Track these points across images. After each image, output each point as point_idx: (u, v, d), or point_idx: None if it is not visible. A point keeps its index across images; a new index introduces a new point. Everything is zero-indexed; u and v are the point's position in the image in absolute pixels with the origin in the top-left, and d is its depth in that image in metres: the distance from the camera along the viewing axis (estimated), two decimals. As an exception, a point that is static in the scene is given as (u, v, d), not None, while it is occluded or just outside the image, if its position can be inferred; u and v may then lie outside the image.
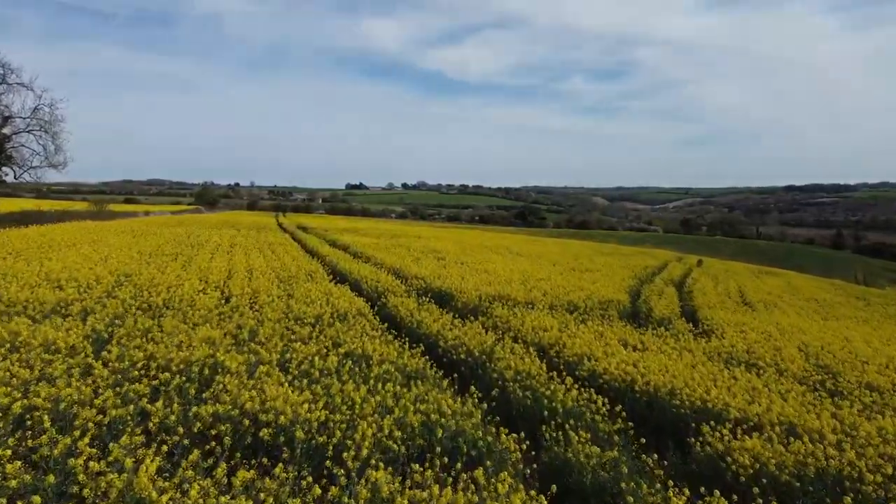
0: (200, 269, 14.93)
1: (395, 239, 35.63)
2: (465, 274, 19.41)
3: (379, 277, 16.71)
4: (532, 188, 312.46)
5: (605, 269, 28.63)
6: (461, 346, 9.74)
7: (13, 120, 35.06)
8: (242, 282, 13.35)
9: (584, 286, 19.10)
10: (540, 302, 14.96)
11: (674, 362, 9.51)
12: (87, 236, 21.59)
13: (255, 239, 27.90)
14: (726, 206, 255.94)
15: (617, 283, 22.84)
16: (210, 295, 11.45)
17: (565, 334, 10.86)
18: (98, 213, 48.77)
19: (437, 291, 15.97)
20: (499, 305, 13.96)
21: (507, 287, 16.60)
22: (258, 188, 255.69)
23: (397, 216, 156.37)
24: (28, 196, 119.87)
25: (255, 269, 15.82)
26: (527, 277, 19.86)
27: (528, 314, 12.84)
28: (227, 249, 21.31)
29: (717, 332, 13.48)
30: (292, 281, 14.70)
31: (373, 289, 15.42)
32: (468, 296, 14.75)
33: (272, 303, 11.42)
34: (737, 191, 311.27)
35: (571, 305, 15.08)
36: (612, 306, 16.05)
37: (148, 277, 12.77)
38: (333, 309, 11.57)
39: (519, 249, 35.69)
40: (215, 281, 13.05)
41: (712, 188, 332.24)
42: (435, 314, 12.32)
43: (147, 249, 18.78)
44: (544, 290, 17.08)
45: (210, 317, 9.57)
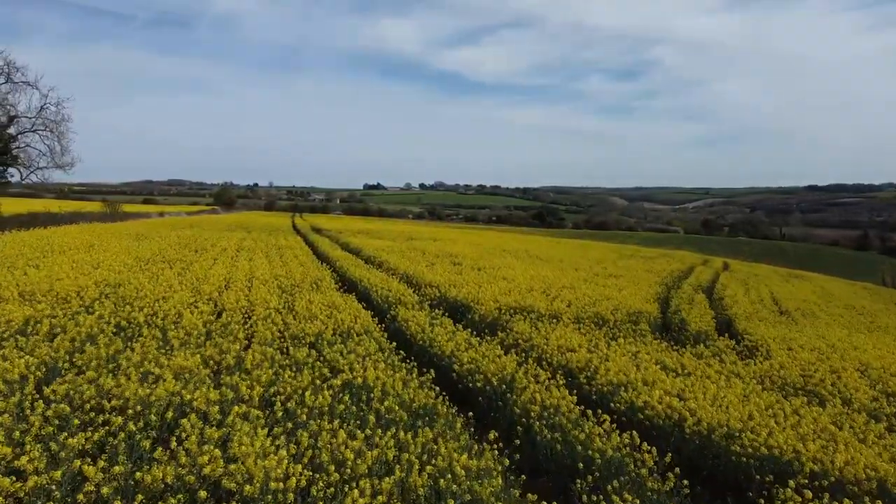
0: (197, 277, 13.85)
1: (410, 242, 34.47)
2: (483, 281, 18.20)
3: (390, 286, 15.55)
4: (550, 188, 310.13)
5: (629, 273, 27.27)
6: (478, 371, 8.53)
7: (19, 119, 34.36)
8: (239, 293, 12.24)
9: (610, 295, 17.81)
10: (565, 314, 13.72)
11: (723, 392, 8.24)
12: (87, 240, 20.63)
13: (264, 242, 26.88)
14: (747, 207, 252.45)
15: (644, 289, 21.52)
16: (201, 308, 10.34)
17: (595, 356, 9.61)
18: (110, 214, 48.15)
19: (452, 302, 14.79)
20: (520, 319, 12.74)
21: (527, 297, 15.37)
22: (276, 188, 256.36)
23: (414, 217, 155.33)
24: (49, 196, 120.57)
25: (257, 277, 14.73)
26: (549, 285, 18.60)
27: (552, 330, 11.58)
28: (232, 254, 20.28)
29: (761, 349, 12.15)
30: (295, 291, 13.57)
31: (383, 299, 14.26)
32: (486, 307, 13.54)
33: (268, 318, 10.29)
34: (757, 191, 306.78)
35: (599, 318, 13.81)
36: (643, 318, 14.75)
37: (137, 287, 11.71)
38: (336, 325, 10.42)
39: (538, 252, 34.40)
40: (209, 292, 11.95)
41: (732, 188, 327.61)
42: (449, 329, 11.12)
43: (146, 254, 17.78)
44: (568, 299, 15.83)
45: (193, 338, 8.43)
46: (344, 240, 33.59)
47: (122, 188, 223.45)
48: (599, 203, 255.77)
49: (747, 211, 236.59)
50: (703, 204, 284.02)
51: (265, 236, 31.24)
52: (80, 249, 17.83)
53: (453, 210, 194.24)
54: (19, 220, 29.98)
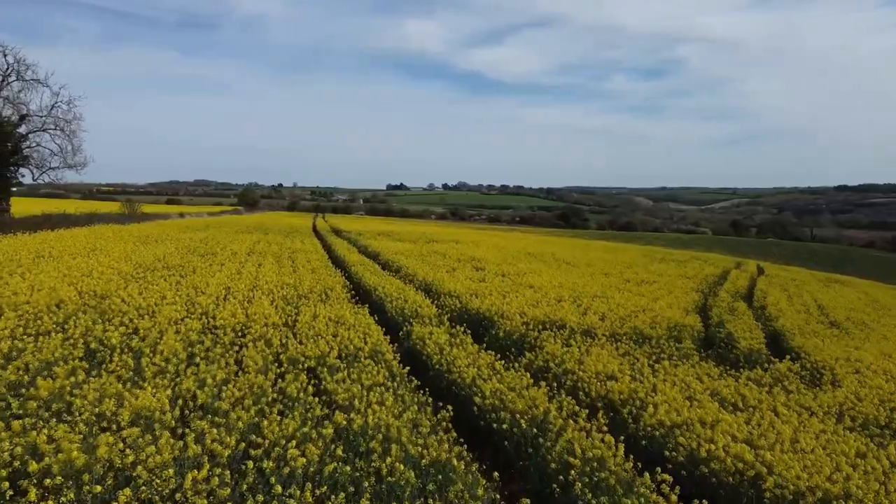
0: (195, 286, 12.68)
1: (431, 244, 33.17)
2: (507, 289, 16.86)
3: (406, 296, 14.28)
4: (574, 188, 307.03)
5: (662, 279, 25.74)
6: (503, 407, 7.20)
7: (30, 118, 33.60)
8: (238, 306, 11.03)
9: (646, 305, 16.39)
10: (599, 329, 12.34)
11: (801, 435, 6.84)
12: (91, 243, 19.63)
13: (278, 245, 25.75)
14: (775, 207, 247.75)
15: (680, 298, 20.04)
16: (189, 326, 9.14)
17: (640, 386, 8.24)
18: (128, 215, 47.50)
19: (473, 314, 13.47)
20: (549, 336, 11.39)
21: (557, 308, 14.02)
22: (300, 189, 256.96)
23: (437, 217, 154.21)
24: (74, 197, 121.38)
25: (262, 286, 13.52)
26: (578, 294, 17.21)
27: (586, 351, 10.23)
28: (241, 259, 19.13)
29: (825, 373, 10.68)
30: (301, 303, 12.35)
31: (398, 311, 12.99)
32: (511, 322, 12.20)
33: (264, 338, 9.05)
34: (785, 191, 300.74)
35: (637, 334, 12.41)
36: (685, 333, 13.34)
37: (124, 299, 10.56)
38: (343, 345, 9.17)
39: (565, 256, 32.93)
40: (205, 305, 10.75)
41: (759, 188, 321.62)
42: (470, 350, 9.81)
43: (148, 260, 16.68)
44: (601, 311, 14.45)
45: (171, 365, 7.21)
46: (363, 242, 32.40)
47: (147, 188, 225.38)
48: (624, 203, 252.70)
49: (775, 211, 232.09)
50: (730, 204, 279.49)
51: (281, 239, 30.14)
52: (80, 254, 16.80)
53: (476, 210, 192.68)
54: (31, 221, 29.18)
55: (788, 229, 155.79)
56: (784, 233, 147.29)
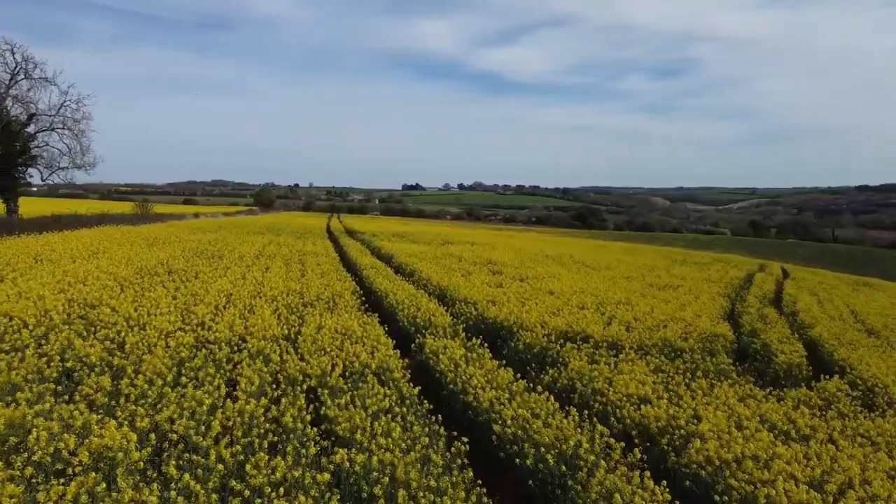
0: (194, 293, 11.93)
1: (446, 246, 32.33)
2: (526, 295, 15.99)
3: (419, 303, 13.44)
4: (590, 188, 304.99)
5: (686, 283, 24.72)
6: (526, 438, 6.35)
7: (38, 118, 33.08)
8: (237, 315, 10.25)
9: (673, 313, 15.46)
10: (626, 341, 11.44)
11: (870, 474, 5.93)
12: (93, 246, 18.97)
13: (289, 247, 25.02)
14: (795, 207, 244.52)
15: (707, 303, 19.06)
16: (180, 340, 8.35)
17: (679, 411, 7.33)
18: (141, 215, 47.07)
19: (491, 324, 12.61)
20: (573, 349, 10.51)
21: (579, 317, 13.12)
22: (316, 189, 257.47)
23: (452, 217, 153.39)
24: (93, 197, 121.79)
25: (266, 293, 12.74)
26: (601, 300, 16.31)
27: (615, 368, 9.34)
28: (248, 263, 18.39)
29: (878, 392, 9.72)
30: (307, 312, 11.55)
31: (410, 320, 12.16)
32: (532, 333, 11.32)
33: (262, 353, 8.25)
34: (805, 191, 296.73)
35: (668, 346, 11.49)
36: (719, 345, 12.39)
37: (115, 309, 9.82)
38: (348, 361, 8.37)
39: (584, 259, 31.95)
40: (202, 315, 9.97)
41: (779, 188, 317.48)
42: (487, 367, 8.95)
43: (151, 264, 15.97)
44: (627, 320, 13.54)
45: (155, 388, 6.43)
46: (376, 244, 31.62)
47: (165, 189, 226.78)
48: (641, 203, 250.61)
49: (794, 212, 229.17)
50: (749, 204, 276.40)
51: (292, 241, 29.41)
52: (80, 258, 16.13)
53: (492, 210, 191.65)
54: (39, 222, 28.62)
55: (810, 230, 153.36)
56: (805, 233, 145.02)
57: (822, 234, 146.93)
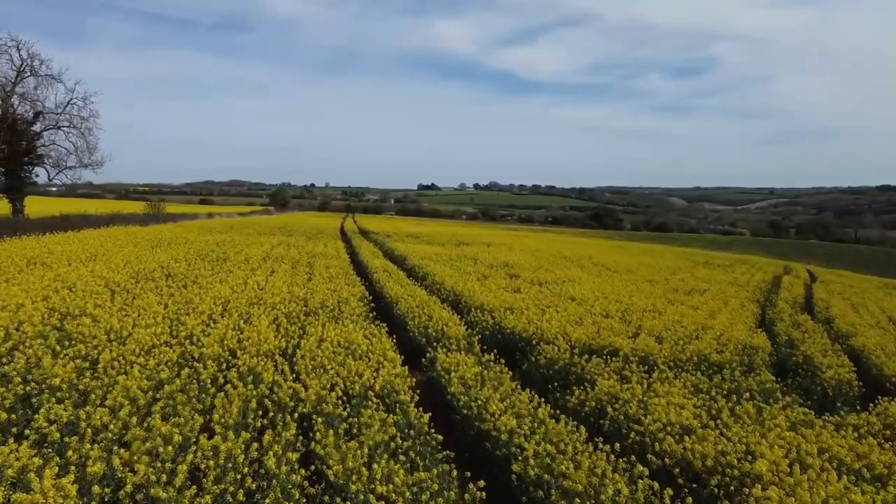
0: (189, 301, 11.06)
1: (461, 248, 31.39)
2: (546, 302, 15.01)
3: (431, 311, 12.51)
4: (606, 188, 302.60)
5: (712, 287, 23.63)
6: (552, 478, 5.40)
7: (45, 116, 32.45)
8: (231, 326, 9.37)
9: (704, 321, 14.43)
10: (657, 355, 10.43)
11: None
12: (94, 248, 18.19)
13: (299, 249, 24.17)
14: (814, 207, 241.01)
15: (737, 310, 17.99)
16: (164, 355, 7.49)
17: (729, 445, 6.32)
18: (152, 215, 46.53)
19: (508, 335, 11.64)
20: (599, 364, 9.52)
21: (604, 327, 12.13)
22: (332, 189, 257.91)
23: (468, 217, 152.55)
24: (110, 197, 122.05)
25: (267, 300, 11.83)
26: (626, 307, 15.30)
27: (649, 389, 8.34)
28: (253, 266, 17.54)
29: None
30: (308, 322, 10.64)
31: (420, 331, 11.22)
32: (554, 347, 10.33)
33: (252, 372, 7.36)
34: (824, 191, 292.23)
35: (703, 361, 10.47)
36: (757, 358, 11.36)
37: (99, 318, 8.97)
38: (350, 380, 7.47)
39: (603, 260, 30.87)
40: (192, 326, 9.09)
41: (798, 188, 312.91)
42: (506, 387, 7.99)
43: (149, 267, 15.15)
44: (657, 331, 12.52)
45: (119, 418, 5.55)
46: (389, 245, 30.73)
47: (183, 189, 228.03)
48: (657, 204, 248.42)
49: (814, 212, 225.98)
50: (767, 204, 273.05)
51: (303, 242, 28.57)
52: (76, 261, 15.34)
53: (507, 210, 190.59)
54: (45, 223, 28.01)
55: (830, 230, 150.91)
56: (826, 234, 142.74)
57: (842, 234, 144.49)
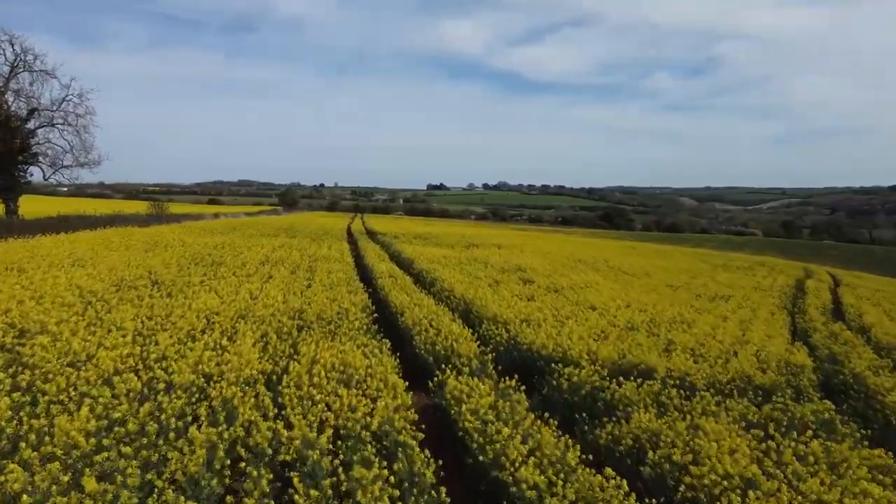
0: (168, 314, 9.90)
1: (471, 250, 30.20)
2: (565, 311, 13.81)
3: (440, 323, 11.34)
4: (616, 188, 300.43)
5: (736, 292, 22.38)
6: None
7: (40, 113, 31.36)
8: (211, 345, 8.23)
9: (738, 334, 13.26)
10: (696, 376, 9.24)
11: None
12: (81, 252, 17.06)
13: (301, 252, 23.04)
14: (827, 208, 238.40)
15: (767, 318, 16.79)
16: (125, 385, 6.36)
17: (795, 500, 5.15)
18: (155, 216, 45.53)
19: (525, 352, 10.44)
20: (632, 389, 8.32)
21: (631, 343, 10.92)
22: (341, 189, 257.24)
23: (477, 217, 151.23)
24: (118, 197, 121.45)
25: (257, 312, 10.65)
26: (652, 317, 14.11)
27: (692, 425, 7.12)
28: (249, 270, 16.38)
29: None
30: (301, 338, 9.47)
31: (427, 348, 10.05)
32: (579, 369, 9.12)
33: (229, 406, 6.22)
34: (837, 191, 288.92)
35: (747, 383, 9.27)
36: (804, 379, 10.16)
37: (59, 336, 7.85)
38: (344, 415, 6.34)
39: (619, 263, 29.62)
40: (165, 347, 7.96)
41: (809, 188, 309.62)
42: (527, 423, 6.81)
43: (137, 273, 14.04)
44: (689, 346, 11.30)
45: (44, 477, 4.42)
46: (396, 248, 29.56)
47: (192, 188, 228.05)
48: (667, 203, 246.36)
49: (827, 212, 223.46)
50: (779, 205, 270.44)
51: (306, 243, 27.43)
52: (59, 266, 14.24)
53: (517, 210, 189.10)
54: (40, 224, 26.99)
55: (844, 231, 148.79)
56: (840, 234, 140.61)
57: (856, 234, 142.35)
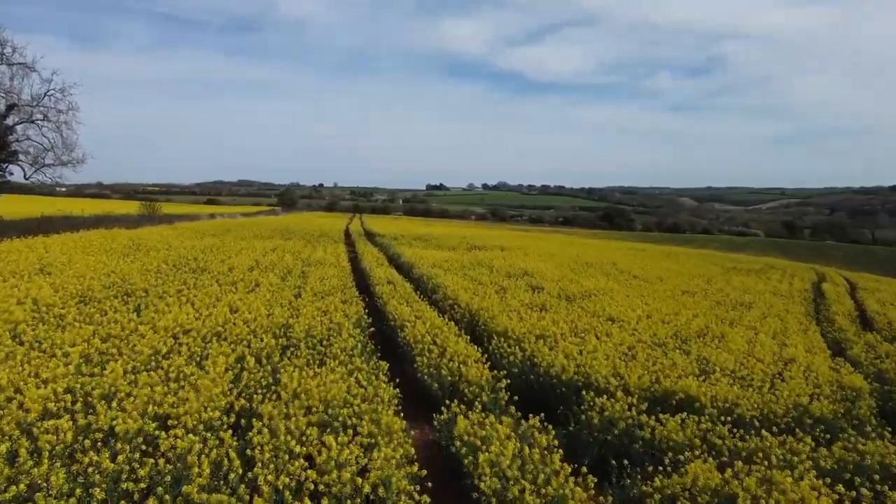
0: (126, 336, 8.47)
1: (474, 253, 28.81)
2: (582, 324, 12.40)
3: (445, 340, 9.95)
4: (615, 188, 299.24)
5: (756, 299, 20.97)
6: None
7: (20, 108, 29.79)
8: (172, 375, 6.86)
9: (777, 350, 11.89)
10: (744, 406, 7.87)
11: None
12: (50, 259, 15.57)
13: (294, 255, 21.62)
14: (827, 208, 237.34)
15: (798, 329, 15.42)
16: (59, 428, 4.99)
17: None
18: (147, 216, 44.11)
19: (543, 374, 9.05)
20: (675, 426, 6.96)
21: (665, 364, 9.53)
22: (340, 189, 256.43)
23: (477, 218, 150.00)
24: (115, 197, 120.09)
25: (232, 332, 9.17)
26: (677, 330, 12.72)
27: (761, 479, 5.76)
28: (234, 278, 14.92)
29: None
30: (284, 364, 8.06)
31: (431, 372, 8.66)
32: (611, 401, 7.72)
33: (178, 464, 4.85)
34: (836, 191, 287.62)
35: (802, 413, 7.92)
36: (862, 406, 8.83)
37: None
38: (321, 484, 4.97)
39: (628, 267, 28.20)
40: (115, 378, 6.58)
41: (809, 188, 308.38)
42: (558, 478, 5.45)
43: (105, 283, 12.61)
44: (727, 365, 9.92)
45: None
46: (395, 250, 28.15)
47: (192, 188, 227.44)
48: (667, 204, 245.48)
49: (827, 212, 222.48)
50: (779, 205, 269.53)
51: (301, 246, 26.00)
52: (18, 276, 12.76)
53: (517, 210, 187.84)
54: (20, 226, 25.55)
55: (846, 231, 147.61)
56: (843, 235, 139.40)
57: (858, 235, 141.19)
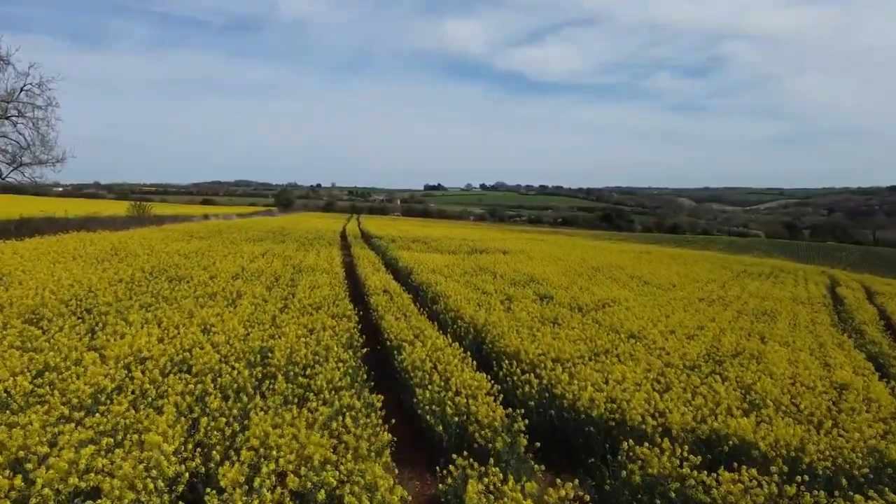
0: (67, 367, 7.08)
1: (476, 256, 27.44)
2: (599, 341, 11.00)
3: (449, 367, 8.56)
4: (614, 188, 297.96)
5: (777, 307, 19.68)
6: None
7: (-5, 104, 28.46)
8: (113, 422, 5.49)
9: (818, 370, 10.53)
10: (812, 455, 6.51)
11: None
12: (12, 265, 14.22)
13: (284, 261, 20.20)
14: (825, 208, 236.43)
15: (831, 346, 14.07)
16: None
17: None
18: (137, 218, 42.64)
19: (566, 410, 7.66)
20: (738, 488, 5.60)
21: (704, 393, 8.19)
22: (338, 189, 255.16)
23: (476, 218, 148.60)
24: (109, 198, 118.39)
25: (200, 359, 7.78)
26: (709, 349, 11.39)
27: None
28: (215, 289, 13.42)
29: None
30: (256, 403, 6.71)
31: (433, 410, 7.29)
32: (658, 453, 6.36)
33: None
34: (835, 191, 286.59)
35: (878, 460, 6.57)
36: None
37: None
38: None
39: (637, 272, 26.83)
40: (37, 429, 5.20)
41: (807, 189, 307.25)
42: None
43: (64, 296, 11.15)
44: (776, 395, 8.57)
45: None
46: (393, 254, 26.76)
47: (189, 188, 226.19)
48: (666, 204, 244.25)
49: (825, 213, 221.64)
50: (777, 205, 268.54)
51: (293, 250, 24.56)
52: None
53: (515, 211, 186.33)
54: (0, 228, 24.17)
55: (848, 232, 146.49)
56: (844, 235, 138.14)
57: (859, 235, 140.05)
